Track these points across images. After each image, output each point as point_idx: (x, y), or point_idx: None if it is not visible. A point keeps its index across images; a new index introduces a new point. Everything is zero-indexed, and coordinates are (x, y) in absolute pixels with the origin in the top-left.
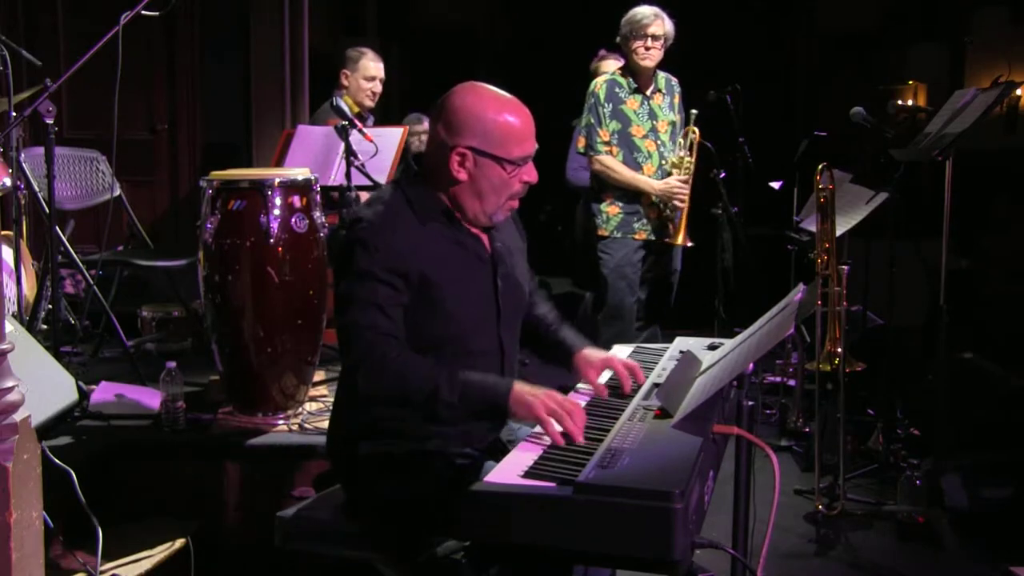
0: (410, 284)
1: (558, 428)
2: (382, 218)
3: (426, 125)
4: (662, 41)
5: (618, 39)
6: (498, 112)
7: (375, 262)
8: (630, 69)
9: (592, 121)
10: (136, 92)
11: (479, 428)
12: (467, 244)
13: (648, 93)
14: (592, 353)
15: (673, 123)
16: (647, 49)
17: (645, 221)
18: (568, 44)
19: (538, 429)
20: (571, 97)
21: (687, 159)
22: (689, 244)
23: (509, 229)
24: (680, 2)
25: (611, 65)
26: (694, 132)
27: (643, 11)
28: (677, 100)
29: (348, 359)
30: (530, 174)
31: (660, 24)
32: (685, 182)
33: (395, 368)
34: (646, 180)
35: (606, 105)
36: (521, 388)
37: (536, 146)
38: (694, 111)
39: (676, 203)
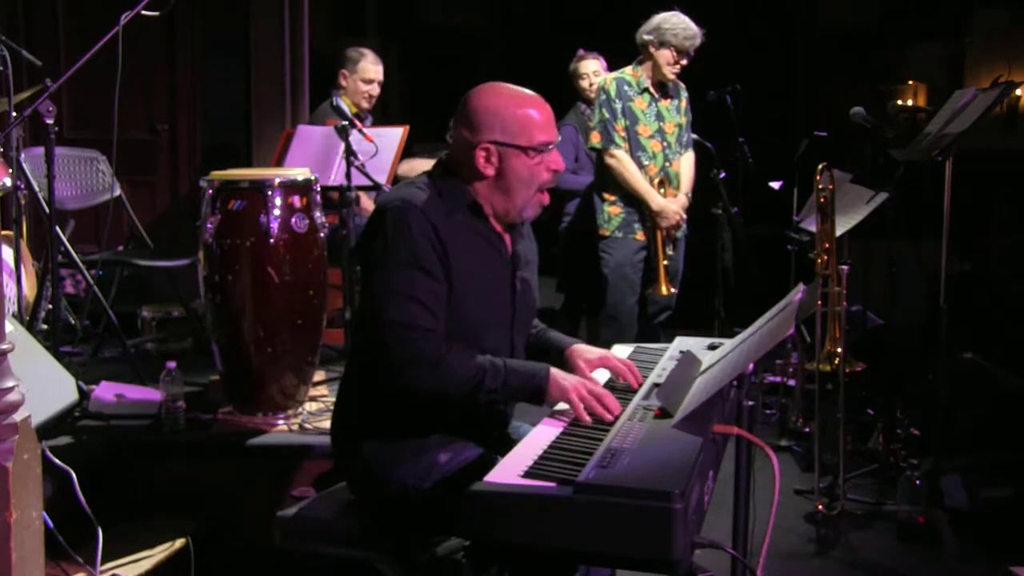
0: (445, 273)
1: (584, 412)
2: (416, 204)
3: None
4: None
5: (644, 38)
6: (516, 105)
7: (415, 250)
8: (647, 71)
9: (607, 115)
10: (136, 92)
11: (481, 426)
12: (492, 240)
13: (656, 95)
14: (587, 348)
15: (680, 125)
16: (679, 63)
17: (646, 222)
18: (567, 45)
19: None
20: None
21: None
22: (673, 291)
23: (528, 242)
24: (680, 2)
25: (591, 65)
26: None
27: (689, 27)
28: (684, 104)
29: (389, 358)
30: (556, 161)
31: (697, 41)
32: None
33: (442, 367)
34: (651, 192)
35: (616, 101)
36: (557, 372)
37: (559, 136)
38: None
39: (661, 221)
